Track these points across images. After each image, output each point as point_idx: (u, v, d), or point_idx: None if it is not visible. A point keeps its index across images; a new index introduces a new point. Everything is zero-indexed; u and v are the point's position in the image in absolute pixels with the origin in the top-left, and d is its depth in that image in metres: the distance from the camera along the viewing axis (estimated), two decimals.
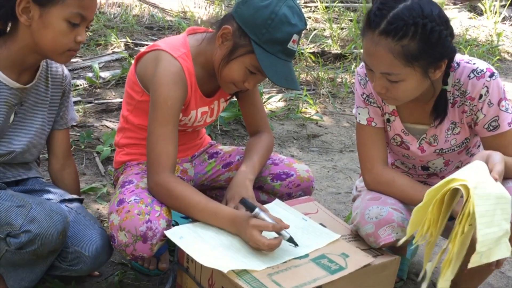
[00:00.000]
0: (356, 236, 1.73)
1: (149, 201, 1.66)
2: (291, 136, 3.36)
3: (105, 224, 2.25)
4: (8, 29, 1.63)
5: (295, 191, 1.93)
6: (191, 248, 1.52)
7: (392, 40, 1.47)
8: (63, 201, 1.79)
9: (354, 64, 4.37)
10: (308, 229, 1.73)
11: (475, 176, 1.34)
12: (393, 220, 1.61)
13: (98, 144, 2.94)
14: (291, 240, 1.58)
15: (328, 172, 3.00)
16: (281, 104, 3.70)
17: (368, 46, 1.52)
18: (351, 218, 1.74)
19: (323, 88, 4.01)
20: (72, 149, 2.86)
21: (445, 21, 1.50)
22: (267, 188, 1.95)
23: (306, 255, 1.59)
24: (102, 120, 3.27)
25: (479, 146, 1.83)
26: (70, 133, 3.07)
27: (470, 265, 1.29)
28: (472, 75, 1.60)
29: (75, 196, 1.85)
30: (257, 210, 1.56)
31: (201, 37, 1.81)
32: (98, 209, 2.43)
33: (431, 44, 1.47)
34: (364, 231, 1.65)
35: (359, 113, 1.78)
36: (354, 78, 4.23)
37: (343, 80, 4.18)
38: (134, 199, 1.66)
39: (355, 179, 2.94)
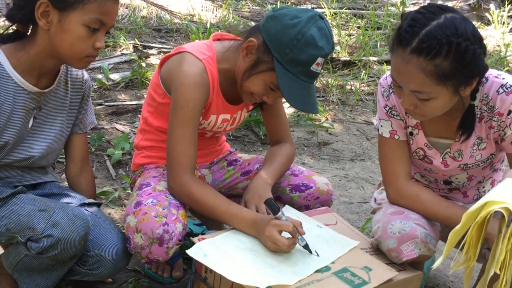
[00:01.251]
0: (377, 250, 1.70)
1: (166, 204, 1.64)
2: (301, 143, 3.34)
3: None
4: (29, 32, 1.61)
5: (313, 203, 1.91)
6: (219, 266, 1.50)
7: (425, 59, 1.45)
8: (83, 205, 1.77)
9: (364, 71, 4.36)
10: (324, 236, 1.72)
11: None
12: (416, 236, 1.59)
13: (109, 147, 2.92)
14: (306, 247, 1.57)
15: (340, 181, 2.98)
16: (291, 110, 3.68)
17: (398, 63, 1.50)
18: (372, 232, 1.72)
19: (333, 95, 4.00)
20: None
21: (479, 39, 1.47)
22: (285, 198, 1.93)
23: (328, 268, 1.57)
24: (113, 122, 3.24)
25: (502, 161, 1.81)
26: None
27: None
28: (501, 90, 1.58)
29: (93, 201, 1.82)
30: (280, 213, 1.57)
31: (228, 44, 1.80)
32: (110, 213, 2.41)
33: (464, 63, 1.45)
34: (386, 245, 1.63)
35: (381, 125, 1.76)
36: (364, 86, 4.24)
37: (353, 87, 4.16)
38: (152, 202, 1.64)
39: (367, 188, 2.92)
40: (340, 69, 4.51)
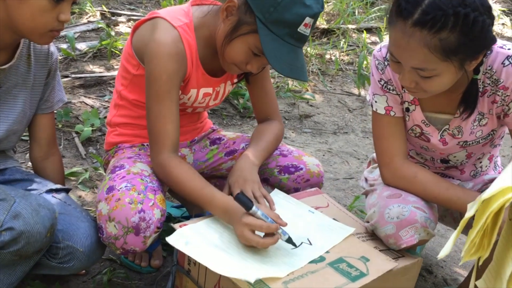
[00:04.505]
0: (372, 235, 1.59)
1: (141, 188, 1.49)
2: (282, 116, 3.19)
3: (91, 214, 2.07)
4: None
5: (303, 186, 1.78)
6: (203, 257, 1.35)
7: (429, 32, 1.30)
8: (50, 191, 1.60)
9: (343, 40, 4.21)
10: (317, 223, 1.59)
11: None
12: (416, 221, 1.48)
13: (77, 123, 2.72)
14: (289, 240, 1.43)
15: (324, 155, 2.85)
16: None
17: (398, 37, 1.35)
18: (367, 216, 1.60)
19: (312, 64, 3.84)
20: None
21: (488, 8, 1.33)
22: (273, 181, 1.79)
23: (322, 258, 1.44)
24: (80, 96, 3.04)
25: (502, 137, 1.70)
26: None
27: None
28: (506, 62, 1.46)
29: (62, 186, 1.65)
30: (254, 208, 1.41)
31: (207, 9, 1.62)
32: (80, 196, 2.24)
33: (472, 36, 1.31)
34: (383, 231, 1.51)
35: (375, 101, 1.62)
36: (343, 55, 4.09)
37: (332, 56, 4.02)
38: (125, 186, 1.48)
39: (352, 163, 2.81)
40: (318, 38, 4.35)
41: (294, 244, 1.43)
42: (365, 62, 3.75)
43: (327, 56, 4.00)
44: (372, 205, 1.60)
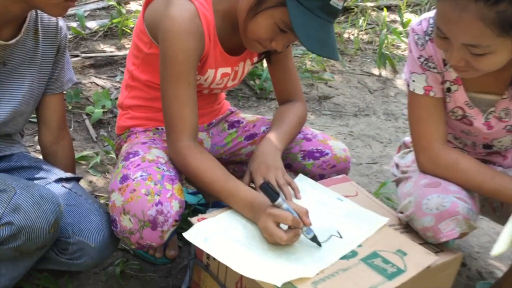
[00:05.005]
0: (406, 227, 1.46)
1: (158, 177, 1.37)
2: (304, 99, 3.05)
3: (102, 201, 1.96)
4: None
5: (329, 172, 1.65)
6: (224, 255, 1.23)
7: (485, 4, 1.15)
8: (59, 180, 1.49)
9: (362, 18, 4.04)
10: (347, 212, 1.46)
11: None
12: (457, 212, 1.35)
13: (88, 105, 2.61)
14: (314, 239, 1.31)
15: (345, 139, 2.72)
16: None
17: (448, 10, 1.20)
18: (400, 206, 1.47)
19: None
20: None
21: None
22: (297, 167, 1.66)
23: (355, 253, 1.32)
24: (91, 76, 2.92)
25: None
26: None
27: None
28: None
29: (72, 175, 1.53)
30: (280, 200, 1.27)
31: None
32: (91, 181, 2.13)
33: None
34: (420, 224, 1.38)
35: (413, 80, 1.48)
36: (362, 34, 3.93)
37: (351, 36, 3.86)
38: (141, 176, 1.36)
39: (375, 147, 2.67)
40: None
41: (319, 244, 1.31)
42: (385, 41, 3.60)
43: (346, 35, 3.85)
44: (407, 195, 1.47)
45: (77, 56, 3.04)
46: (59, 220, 1.28)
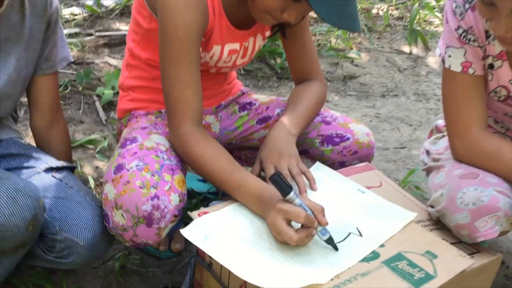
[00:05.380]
0: (438, 223, 1.29)
1: (156, 167, 1.22)
2: (324, 78, 2.87)
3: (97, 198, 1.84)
4: None
5: (350, 159, 1.48)
6: (226, 257, 1.08)
7: None
8: (50, 169, 1.36)
9: None
10: (369, 206, 1.29)
11: None
12: (498, 208, 1.17)
13: (99, 86, 2.48)
14: (330, 241, 1.14)
15: (371, 121, 2.53)
16: None
17: None
18: (431, 199, 1.30)
19: None
20: (67, 91, 2.43)
21: None
22: (314, 153, 1.49)
23: (376, 255, 1.15)
24: (104, 56, 2.80)
25: None
26: (66, 71, 2.63)
27: None
28: None
29: (65, 164, 1.40)
30: (292, 195, 1.11)
31: None
32: (97, 167, 2.01)
33: None
34: (454, 220, 1.21)
35: (449, 56, 1.29)
36: (392, 9, 3.70)
37: (380, 11, 3.63)
38: (137, 165, 1.22)
39: (403, 130, 2.48)
40: None
41: (335, 248, 1.14)
42: (417, 16, 3.37)
43: (374, 11, 3.63)
44: (438, 186, 1.29)
45: (91, 35, 2.93)
46: (38, 216, 1.14)
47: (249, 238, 1.14)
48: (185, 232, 1.14)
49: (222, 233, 1.14)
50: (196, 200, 1.73)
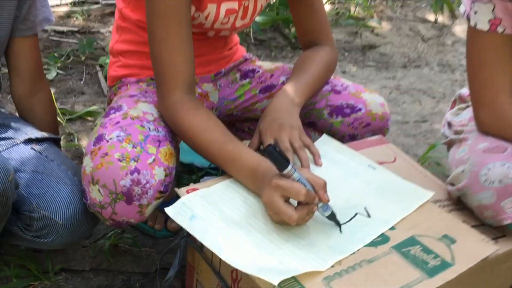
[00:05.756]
0: (459, 203, 1.14)
1: (140, 138, 1.09)
2: (341, 48, 2.71)
3: None
4: None
5: (361, 132, 1.33)
6: (213, 241, 0.96)
7: None
8: (29, 141, 1.24)
9: None
10: (379, 183, 1.15)
11: None
12: None
13: (103, 55, 2.37)
14: (332, 217, 1.01)
15: (391, 93, 2.37)
16: (328, 7, 3.02)
17: None
18: (451, 176, 1.15)
19: None
20: (69, 61, 2.32)
21: None
22: (322, 125, 1.35)
23: (386, 239, 1.02)
24: (110, 25, 2.68)
25: None
26: (69, 40, 2.53)
27: None
28: None
29: (46, 135, 1.29)
30: (289, 168, 0.97)
31: None
32: None
33: None
34: (477, 200, 1.06)
35: (475, 12, 1.12)
36: None
37: None
38: (117, 136, 1.09)
39: (425, 103, 2.31)
40: None
41: (338, 224, 1.01)
42: None
43: None
44: (460, 161, 1.14)
45: (97, 3, 2.82)
46: (7, 192, 1.03)
47: (241, 219, 1.01)
48: (170, 210, 1.02)
49: (210, 213, 1.02)
50: (195, 177, 1.61)
